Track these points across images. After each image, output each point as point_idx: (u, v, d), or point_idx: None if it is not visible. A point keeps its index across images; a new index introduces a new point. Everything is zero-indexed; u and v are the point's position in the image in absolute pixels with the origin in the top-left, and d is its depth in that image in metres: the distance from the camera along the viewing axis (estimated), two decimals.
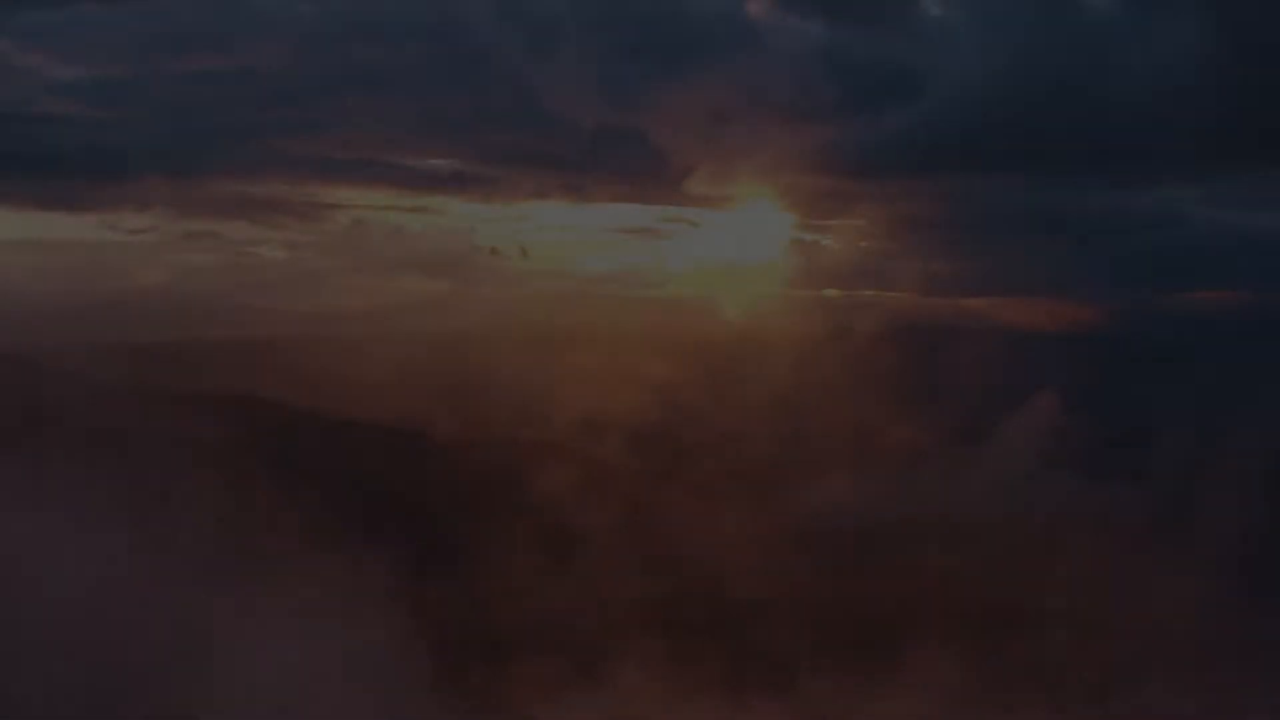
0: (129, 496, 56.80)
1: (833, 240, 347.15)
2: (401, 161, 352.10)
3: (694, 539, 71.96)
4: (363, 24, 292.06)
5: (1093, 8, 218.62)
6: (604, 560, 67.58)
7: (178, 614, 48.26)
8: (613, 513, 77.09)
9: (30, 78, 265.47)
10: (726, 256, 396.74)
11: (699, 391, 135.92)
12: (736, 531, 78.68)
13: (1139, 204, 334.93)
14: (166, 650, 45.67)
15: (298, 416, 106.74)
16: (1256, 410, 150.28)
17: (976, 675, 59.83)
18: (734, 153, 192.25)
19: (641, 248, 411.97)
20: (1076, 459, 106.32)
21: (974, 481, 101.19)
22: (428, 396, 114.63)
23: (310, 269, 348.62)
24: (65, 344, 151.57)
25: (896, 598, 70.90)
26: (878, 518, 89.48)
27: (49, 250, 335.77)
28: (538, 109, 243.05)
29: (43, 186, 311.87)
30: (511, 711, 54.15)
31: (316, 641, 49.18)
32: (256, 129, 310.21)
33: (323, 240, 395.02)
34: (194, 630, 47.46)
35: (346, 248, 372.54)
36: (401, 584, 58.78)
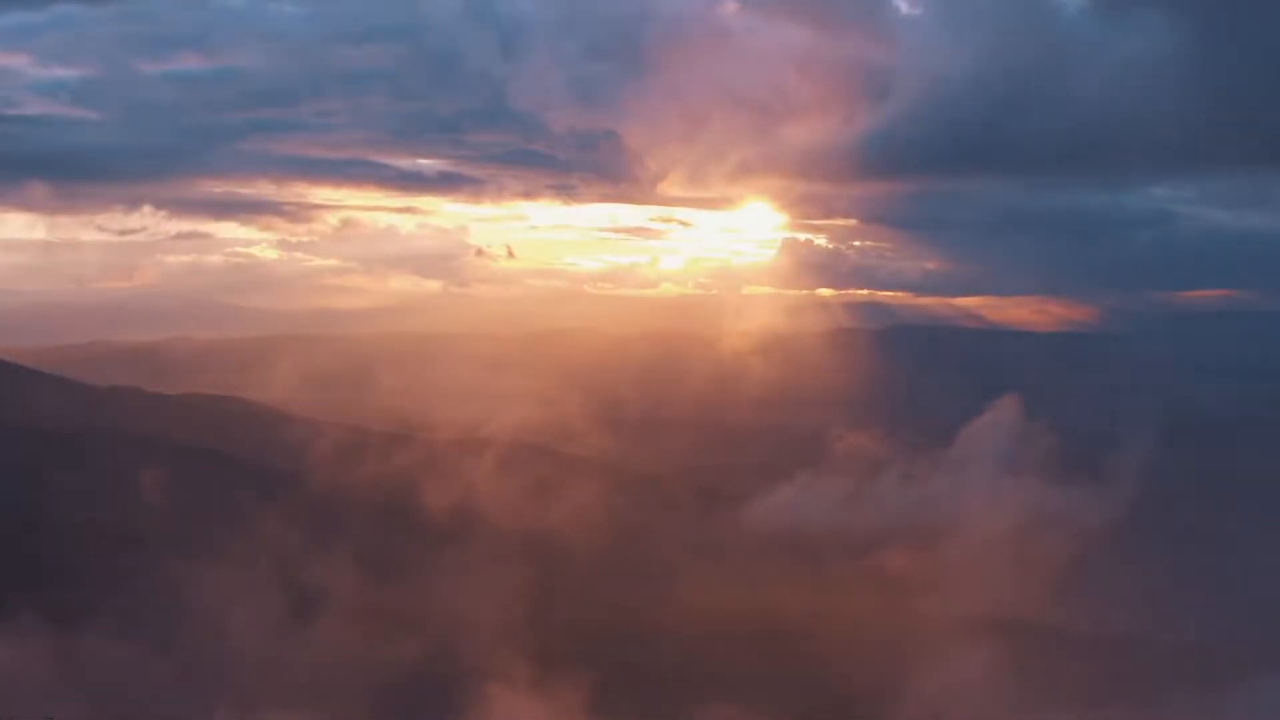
0: None
1: (826, 240, 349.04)
2: (390, 162, 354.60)
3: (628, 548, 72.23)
4: (350, 25, 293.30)
5: (1074, 6, 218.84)
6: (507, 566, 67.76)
7: None
8: (545, 515, 77.90)
9: (14, 78, 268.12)
10: (719, 256, 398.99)
11: (677, 391, 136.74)
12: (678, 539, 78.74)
13: (1129, 204, 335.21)
14: None
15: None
16: (1245, 410, 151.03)
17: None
18: (727, 153, 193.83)
19: (634, 247, 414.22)
20: (1045, 462, 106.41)
21: (938, 487, 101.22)
22: (394, 397, 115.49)
23: (300, 269, 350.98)
24: (55, 344, 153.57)
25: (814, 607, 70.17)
26: (837, 524, 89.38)
27: (39, 251, 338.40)
28: (526, 110, 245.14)
29: (30, 187, 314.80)
30: None
31: None
32: (243, 129, 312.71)
33: (312, 240, 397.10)
34: None
35: (336, 248, 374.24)
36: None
